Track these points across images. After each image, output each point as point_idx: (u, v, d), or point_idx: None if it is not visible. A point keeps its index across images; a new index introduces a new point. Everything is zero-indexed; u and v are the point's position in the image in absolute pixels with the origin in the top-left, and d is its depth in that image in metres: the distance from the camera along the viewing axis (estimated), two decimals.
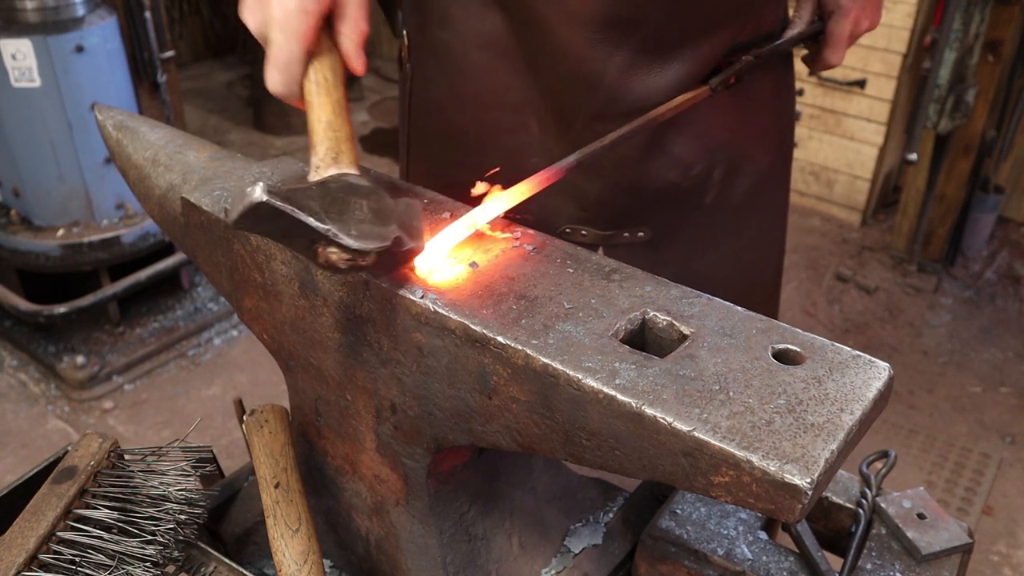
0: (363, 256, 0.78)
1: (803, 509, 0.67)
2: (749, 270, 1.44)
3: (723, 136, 1.26)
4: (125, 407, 3.05)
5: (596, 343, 0.78)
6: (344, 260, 0.78)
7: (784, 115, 1.39)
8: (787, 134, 1.43)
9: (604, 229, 1.29)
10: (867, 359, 0.77)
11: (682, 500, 1.15)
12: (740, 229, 1.38)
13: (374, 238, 0.79)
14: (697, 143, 1.24)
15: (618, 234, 1.29)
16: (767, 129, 1.35)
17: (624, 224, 1.29)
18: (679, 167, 1.24)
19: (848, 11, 1.26)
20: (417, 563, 1.05)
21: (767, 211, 1.43)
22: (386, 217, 0.82)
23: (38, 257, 3.09)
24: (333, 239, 0.76)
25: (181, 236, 1.12)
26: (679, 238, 1.33)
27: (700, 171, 1.27)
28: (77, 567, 0.93)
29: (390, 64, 6.02)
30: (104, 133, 1.21)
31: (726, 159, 1.29)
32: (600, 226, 1.28)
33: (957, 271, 3.87)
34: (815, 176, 4.27)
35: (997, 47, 3.40)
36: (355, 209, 0.81)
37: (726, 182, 1.31)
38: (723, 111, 1.23)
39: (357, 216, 0.80)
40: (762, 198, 1.39)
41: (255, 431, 1.10)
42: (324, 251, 0.78)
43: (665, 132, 1.20)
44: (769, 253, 1.48)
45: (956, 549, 1.09)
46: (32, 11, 2.79)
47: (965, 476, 2.83)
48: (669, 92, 1.15)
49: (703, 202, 1.31)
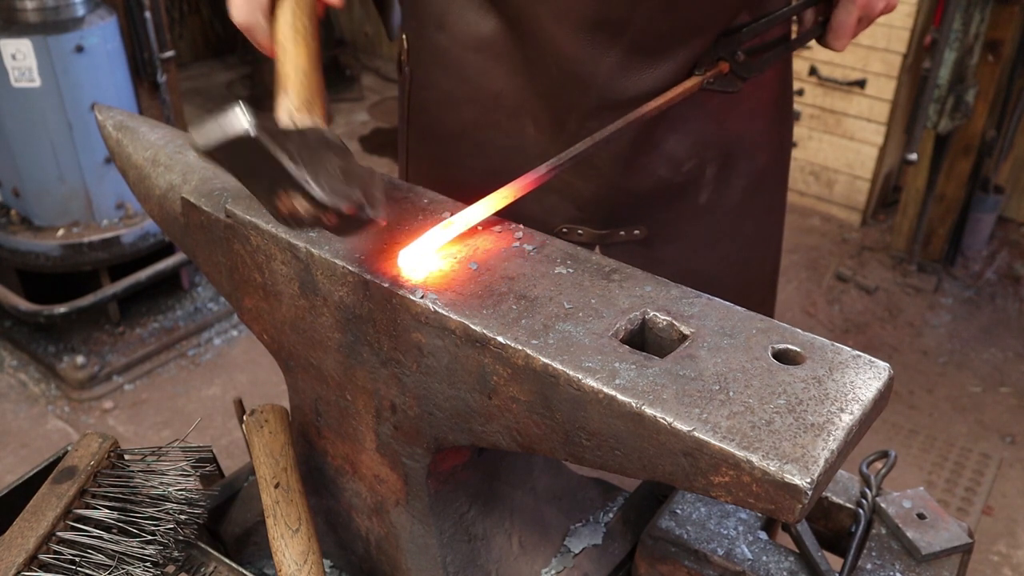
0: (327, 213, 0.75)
1: (803, 509, 0.67)
2: (747, 269, 1.44)
3: (714, 133, 1.26)
4: (125, 407, 3.05)
5: (596, 343, 0.78)
6: (309, 212, 0.74)
7: (783, 113, 1.39)
8: (786, 132, 1.42)
9: (600, 228, 1.29)
10: (867, 359, 0.77)
11: (682, 500, 1.15)
12: (738, 228, 1.38)
13: (342, 196, 0.76)
14: (687, 139, 1.24)
15: (614, 233, 1.29)
16: (765, 127, 1.34)
17: (620, 223, 1.29)
18: (670, 163, 1.24)
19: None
20: (417, 563, 1.05)
21: (765, 210, 1.42)
22: (353, 179, 0.80)
23: (38, 257, 3.09)
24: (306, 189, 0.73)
25: (181, 236, 1.12)
26: (676, 237, 1.33)
27: (692, 168, 1.27)
28: (77, 567, 0.93)
29: (390, 64, 6.02)
30: (104, 133, 1.21)
31: (719, 156, 1.29)
32: (596, 225, 1.29)
33: (957, 271, 3.87)
34: (815, 176, 4.26)
35: (997, 47, 3.40)
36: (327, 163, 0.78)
37: (721, 180, 1.31)
38: (714, 108, 1.23)
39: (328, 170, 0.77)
40: (759, 197, 1.38)
41: (255, 431, 1.10)
42: (288, 200, 0.74)
43: (655, 129, 1.21)
44: (767, 252, 1.48)
45: (956, 549, 1.09)
46: (32, 11, 2.79)
47: (965, 476, 2.83)
48: (662, 90, 1.15)
49: (698, 201, 1.31)
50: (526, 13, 1.13)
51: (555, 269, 0.89)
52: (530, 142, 1.23)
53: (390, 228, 0.95)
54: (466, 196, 0.97)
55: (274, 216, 0.78)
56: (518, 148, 1.24)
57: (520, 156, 1.23)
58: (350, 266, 0.89)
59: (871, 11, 1.24)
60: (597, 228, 1.29)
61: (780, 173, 1.44)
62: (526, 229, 0.96)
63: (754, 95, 1.28)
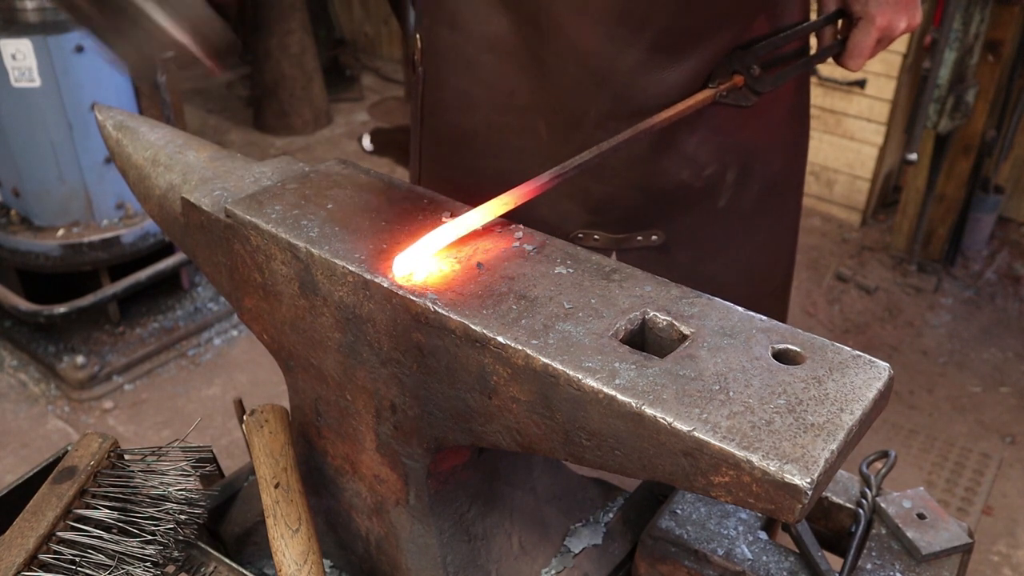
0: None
1: (803, 509, 0.67)
2: (759, 274, 1.42)
3: (737, 136, 1.24)
4: (125, 407, 3.05)
5: (596, 343, 0.78)
6: None
7: (800, 117, 1.37)
8: (802, 137, 1.40)
9: (616, 232, 1.26)
10: (867, 359, 0.77)
11: (682, 500, 1.15)
12: (752, 233, 1.36)
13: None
14: (711, 142, 1.22)
15: (631, 237, 1.26)
16: (783, 131, 1.32)
17: (636, 227, 1.26)
18: (692, 167, 1.22)
19: (873, 17, 1.20)
20: (417, 563, 1.05)
21: (779, 215, 1.40)
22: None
23: (38, 257, 3.09)
24: None
25: (181, 236, 1.12)
26: (693, 241, 1.30)
27: (714, 171, 1.24)
28: (77, 567, 0.93)
29: (390, 64, 6.02)
30: (104, 133, 1.21)
31: (740, 160, 1.26)
32: (612, 229, 1.26)
33: (957, 271, 3.87)
34: (815, 176, 4.26)
35: (997, 47, 3.40)
36: None
37: (740, 184, 1.28)
38: (734, 112, 1.21)
39: None
40: (774, 202, 1.36)
41: (255, 431, 1.10)
42: None
43: (678, 130, 1.18)
44: (779, 257, 1.46)
45: (956, 549, 1.09)
46: (32, 11, 2.79)
47: (965, 476, 2.83)
48: (681, 90, 1.13)
49: (717, 205, 1.28)
50: (544, 7, 1.11)
51: (555, 269, 0.89)
52: (542, 144, 1.22)
53: (391, 228, 0.95)
54: (479, 198, 0.95)
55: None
56: (530, 150, 1.22)
57: (532, 158, 1.21)
58: (350, 266, 0.89)
59: (891, 32, 1.22)
60: (613, 233, 1.26)
61: (796, 179, 1.42)
62: (526, 229, 0.96)
63: (773, 101, 1.25)
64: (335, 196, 1.01)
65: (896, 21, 1.21)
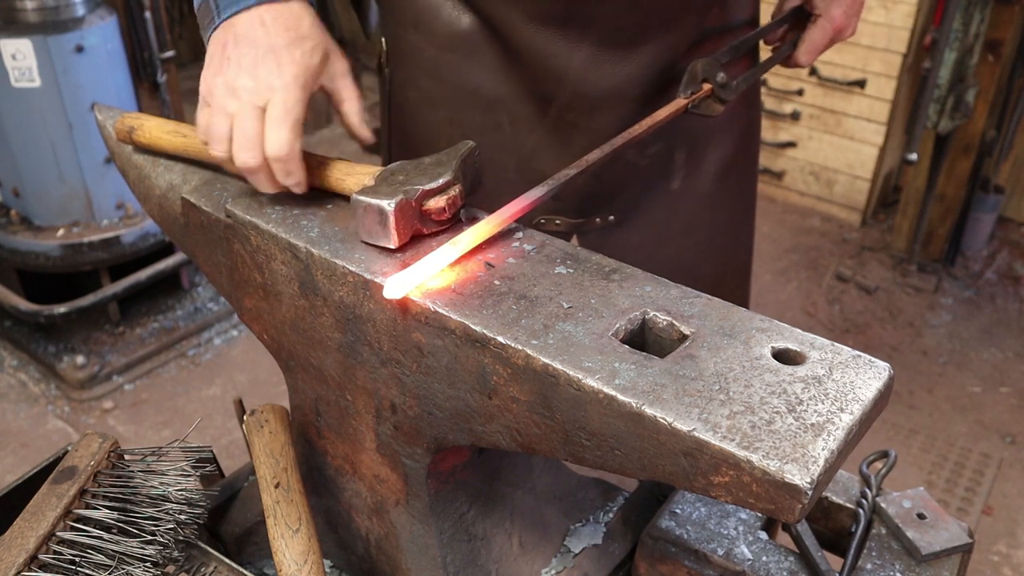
0: None
1: (803, 509, 0.67)
2: (720, 257, 1.47)
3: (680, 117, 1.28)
4: (125, 407, 3.05)
5: (596, 343, 0.78)
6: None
7: (749, 99, 1.41)
8: (753, 118, 1.45)
9: (575, 217, 1.32)
10: (867, 359, 0.77)
11: (682, 500, 1.15)
12: (710, 216, 1.41)
13: None
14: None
15: (590, 221, 1.33)
16: (735, 116, 1.37)
17: (593, 210, 1.32)
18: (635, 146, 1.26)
19: (834, 19, 1.26)
20: (417, 563, 1.05)
21: (736, 197, 1.46)
22: None
23: (38, 257, 3.09)
24: None
25: (181, 236, 1.12)
26: (648, 223, 1.36)
27: (658, 151, 1.30)
28: (77, 567, 0.93)
29: None
30: (104, 133, 1.21)
31: (687, 142, 1.31)
32: (572, 214, 1.32)
33: (957, 271, 3.87)
34: (815, 176, 4.26)
35: (997, 47, 3.39)
36: None
37: (692, 166, 1.34)
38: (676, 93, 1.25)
39: None
40: (730, 184, 1.41)
41: (255, 431, 1.10)
42: None
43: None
44: (740, 238, 1.51)
45: (956, 549, 1.09)
46: (32, 11, 2.79)
47: (965, 476, 2.82)
48: (637, 80, 1.18)
49: (671, 187, 1.34)
50: (498, 10, 1.17)
51: (555, 269, 0.89)
52: (506, 140, 1.27)
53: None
54: None
55: None
56: (495, 146, 1.26)
57: (496, 151, 1.26)
58: (350, 266, 0.89)
59: (842, 35, 1.29)
60: (573, 217, 1.33)
61: (750, 160, 1.48)
62: (526, 229, 0.97)
63: None
64: (335, 196, 1.01)
65: (849, 25, 1.28)
